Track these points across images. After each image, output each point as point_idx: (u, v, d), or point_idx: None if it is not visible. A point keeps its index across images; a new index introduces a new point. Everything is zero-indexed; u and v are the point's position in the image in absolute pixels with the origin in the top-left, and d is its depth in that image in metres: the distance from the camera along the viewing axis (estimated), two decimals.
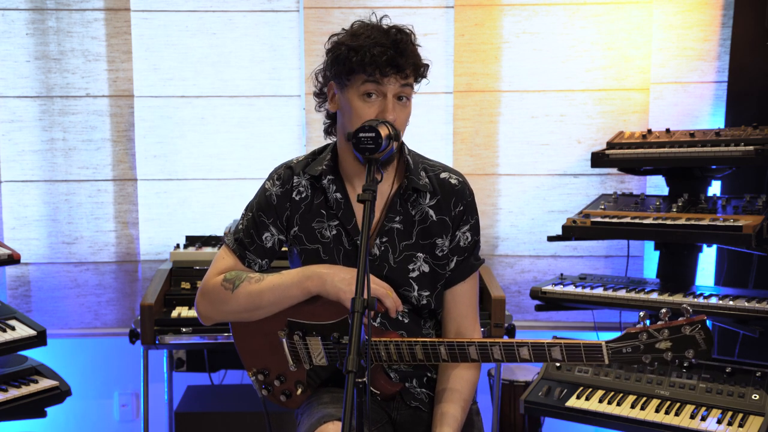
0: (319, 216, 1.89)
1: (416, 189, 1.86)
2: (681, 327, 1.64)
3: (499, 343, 1.69)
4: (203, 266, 2.98)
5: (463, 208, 1.89)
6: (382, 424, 1.88)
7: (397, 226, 1.87)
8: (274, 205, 1.90)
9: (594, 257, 3.36)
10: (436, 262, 1.89)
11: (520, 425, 3.10)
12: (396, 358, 1.76)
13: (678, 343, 1.64)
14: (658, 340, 1.65)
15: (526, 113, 3.33)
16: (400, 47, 1.72)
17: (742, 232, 2.44)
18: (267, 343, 1.91)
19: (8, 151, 3.30)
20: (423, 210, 1.88)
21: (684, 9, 3.25)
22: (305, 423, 1.82)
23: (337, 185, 1.88)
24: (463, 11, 3.28)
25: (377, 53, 1.70)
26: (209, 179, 3.38)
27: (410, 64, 1.74)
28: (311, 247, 1.89)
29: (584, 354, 1.67)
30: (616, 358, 1.68)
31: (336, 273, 1.75)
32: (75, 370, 3.27)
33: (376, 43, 1.71)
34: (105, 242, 3.36)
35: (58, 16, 3.26)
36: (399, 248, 1.87)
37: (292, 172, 1.92)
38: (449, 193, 1.89)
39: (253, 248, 1.91)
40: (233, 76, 3.34)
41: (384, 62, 1.70)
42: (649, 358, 1.66)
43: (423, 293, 1.88)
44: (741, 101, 3.14)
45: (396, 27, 1.76)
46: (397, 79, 1.74)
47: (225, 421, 3.03)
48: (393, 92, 1.75)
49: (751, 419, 2.26)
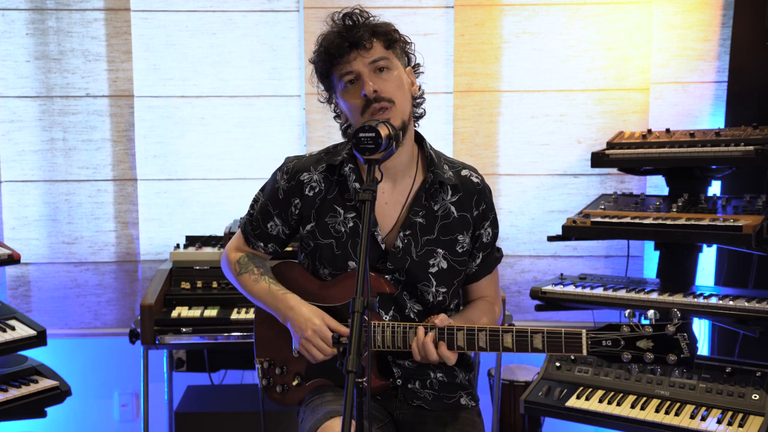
0: (332, 211, 1.90)
1: (441, 183, 1.88)
2: (665, 326, 1.61)
3: (486, 329, 1.73)
4: (203, 266, 2.98)
5: (485, 207, 1.94)
6: (384, 424, 1.89)
7: (420, 221, 1.88)
8: (281, 199, 1.94)
9: (594, 257, 3.36)
10: (454, 259, 1.90)
11: (520, 425, 3.10)
12: (390, 344, 1.79)
13: (660, 344, 1.61)
14: (639, 336, 1.62)
15: (526, 113, 3.33)
16: (350, 27, 1.78)
17: (742, 232, 2.44)
18: (279, 331, 1.94)
19: (8, 151, 3.30)
20: (445, 206, 1.90)
21: (684, 9, 3.25)
22: (309, 419, 1.82)
23: (357, 174, 1.89)
24: (463, 11, 3.28)
25: (337, 42, 1.77)
26: (209, 179, 3.38)
27: (366, 36, 1.77)
28: (325, 242, 1.90)
29: (564, 343, 1.67)
30: (595, 351, 1.65)
31: (295, 317, 1.85)
32: (75, 370, 3.27)
33: (338, 34, 1.78)
34: (105, 242, 3.36)
35: (58, 16, 3.26)
36: (421, 242, 1.88)
37: (301, 169, 1.93)
38: (471, 191, 1.92)
39: (257, 233, 2.00)
40: (233, 76, 3.34)
41: (339, 45, 1.76)
42: (629, 356, 1.63)
43: (440, 290, 1.90)
44: (741, 101, 3.14)
45: (345, 12, 1.82)
46: (359, 53, 1.77)
47: (225, 421, 3.03)
48: (364, 66, 1.77)
49: (751, 419, 2.26)
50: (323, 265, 1.91)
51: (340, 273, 1.90)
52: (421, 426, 1.92)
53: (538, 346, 1.70)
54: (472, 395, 1.99)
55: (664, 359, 1.60)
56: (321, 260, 1.91)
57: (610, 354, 1.64)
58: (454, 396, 1.96)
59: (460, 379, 1.98)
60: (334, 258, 1.89)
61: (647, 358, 1.62)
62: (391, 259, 1.87)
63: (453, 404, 1.95)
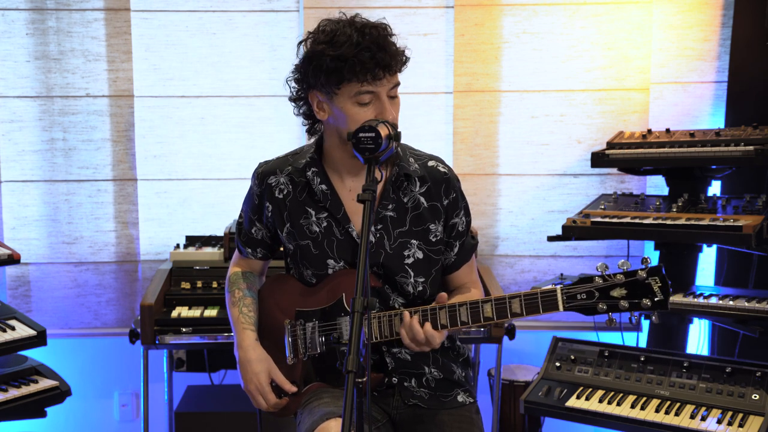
0: (304, 213, 1.92)
1: (407, 175, 1.89)
2: (636, 272, 1.65)
3: (466, 303, 1.76)
4: (203, 266, 2.98)
5: (455, 195, 1.94)
6: (382, 423, 1.89)
7: (390, 214, 1.90)
8: (256, 204, 1.99)
9: (594, 257, 3.36)
10: (429, 248, 1.91)
11: (520, 425, 3.10)
12: (377, 334, 1.82)
13: (633, 290, 1.64)
14: (612, 285, 1.65)
15: (526, 113, 3.33)
16: (382, 45, 1.73)
17: (742, 232, 2.44)
18: (273, 340, 1.96)
19: (8, 151, 3.30)
20: (414, 197, 1.90)
21: (684, 9, 3.25)
22: (306, 421, 1.83)
23: (321, 177, 1.90)
24: (463, 11, 3.28)
25: (367, 59, 1.70)
26: (209, 179, 3.38)
27: (398, 62, 1.76)
28: (303, 243, 1.92)
29: (541, 302, 1.70)
30: (572, 306, 1.69)
31: (242, 361, 1.98)
32: (75, 370, 3.27)
33: (359, 47, 1.70)
34: (105, 242, 3.36)
35: (58, 16, 3.26)
36: (393, 235, 1.90)
37: (267, 172, 1.96)
38: (439, 181, 1.92)
39: (245, 239, 2.05)
40: (233, 76, 3.34)
41: (374, 66, 1.71)
42: (605, 306, 1.66)
43: (419, 280, 1.91)
44: (741, 101, 3.14)
45: (369, 24, 1.76)
46: (389, 80, 1.76)
47: (225, 421, 3.03)
48: (386, 92, 1.76)
49: (751, 419, 2.26)
50: (305, 266, 1.94)
51: (321, 273, 1.92)
52: (418, 425, 1.92)
53: (517, 310, 1.73)
54: (469, 392, 1.99)
55: (639, 304, 1.64)
56: (303, 261, 1.93)
57: (585, 306, 1.68)
58: (451, 393, 1.96)
59: (457, 376, 1.98)
60: (312, 258, 1.91)
61: (621, 306, 1.65)
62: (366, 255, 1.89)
63: (450, 402, 1.95)
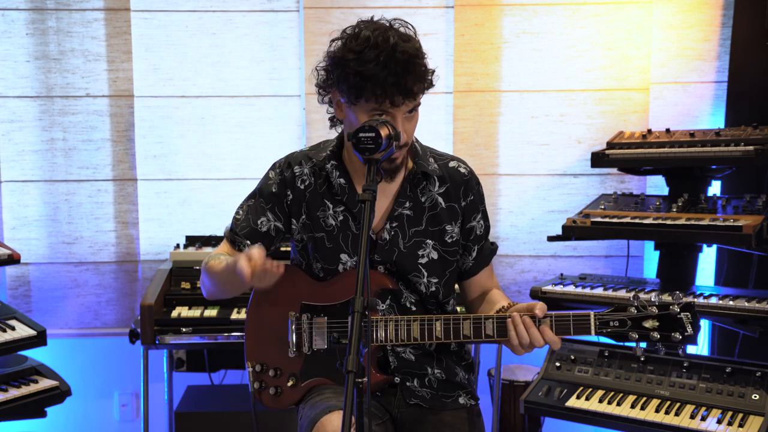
0: (322, 205, 1.92)
1: (426, 174, 1.89)
2: (669, 305, 1.69)
3: (492, 317, 1.75)
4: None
5: (474, 198, 1.95)
6: (383, 421, 1.89)
7: (407, 212, 1.90)
8: (275, 192, 1.95)
9: (594, 257, 3.36)
10: (445, 249, 1.92)
11: (520, 425, 3.10)
12: (393, 337, 1.79)
13: (665, 323, 1.69)
14: (646, 316, 1.69)
15: (526, 113, 3.33)
16: (409, 69, 1.69)
17: (742, 232, 2.44)
18: (274, 332, 1.94)
19: (8, 151, 3.30)
20: (432, 197, 1.91)
21: (684, 9, 3.25)
22: (308, 415, 1.83)
23: (340, 171, 1.91)
24: (463, 11, 3.28)
25: (389, 85, 1.67)
26: (209, 179, 3.38)
27: (421, 88, 1.74)
28: (318, 236, 1.92)
29: (573, 325, 1.71)
30: (603, 332, 1.71)
31: None
32: (75, 370, 3.27)
33: (386, 69, 1.66)
34: (105, 242, 3.36)
35: (58, 16, 3.26)
36: (408, 234, 1.90)
37: (292, 162, 1.96)
38: (459, 182, 1.93)
39: (245, 232, 1.93)
40: (233, 76, 3.34)
41: (395, 92, 1.69)
42: (636, 335, 1.70)
43: (432, 280, 1.91)
44: (741, 101, 3.14)
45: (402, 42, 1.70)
46: (407, 104, 1.74)
47: (225, 421, 3.03)
48: (402, 113, 1.75)
49: (751, 419, 2.26)
50: (316, 258, 1.93)
51: (332, 267, 1.91)
52: (419, 425, 1.92)
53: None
54: (471, 394, 2.00)
55: (669, 337, 1.68)
56: (314, 254, 1.92)
57: (617, 334, 1.71)
58: (453, 395, 1.96)
59: (460, 378, 1.98)
60: (325, 251, 1.91)
61: (653, 337, 1.69)
62: (379, 251, 1.89)
63: (451, 403, 1.95)
